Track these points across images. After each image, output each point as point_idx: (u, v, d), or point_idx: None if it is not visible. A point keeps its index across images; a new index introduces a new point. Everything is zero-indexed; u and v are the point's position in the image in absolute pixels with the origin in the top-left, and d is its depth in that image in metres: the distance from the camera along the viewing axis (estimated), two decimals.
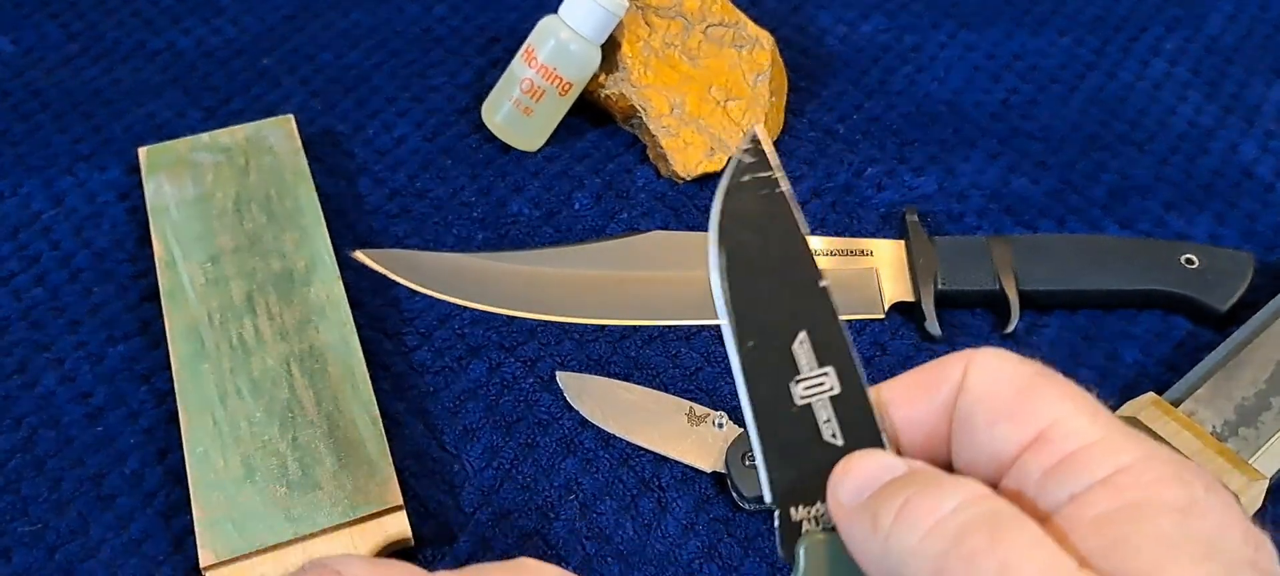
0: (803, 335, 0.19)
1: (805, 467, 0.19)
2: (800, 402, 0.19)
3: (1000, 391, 0.18)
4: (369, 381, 0.35)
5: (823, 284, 0.19)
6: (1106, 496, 0.16)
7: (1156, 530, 0.16)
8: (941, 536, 0.16)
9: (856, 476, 0.18)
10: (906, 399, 0.19)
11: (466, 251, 0.41)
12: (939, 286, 0.39)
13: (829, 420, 0.19)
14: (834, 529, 0.19)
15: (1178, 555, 0.15)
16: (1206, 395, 0.34)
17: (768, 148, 0.20)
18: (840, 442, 0.19)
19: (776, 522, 0.19)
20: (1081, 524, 0.16)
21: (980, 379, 0.18)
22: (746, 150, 0.20)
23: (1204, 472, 0.17)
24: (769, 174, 0.20)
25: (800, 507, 0.19)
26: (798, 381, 0.19)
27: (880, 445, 0.19)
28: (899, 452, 0.19)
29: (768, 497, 0.19)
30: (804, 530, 0.19)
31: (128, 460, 0.35)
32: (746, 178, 0.20)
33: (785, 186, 0.20)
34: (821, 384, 0.19)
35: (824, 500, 0.19)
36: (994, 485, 0.18)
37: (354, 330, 0.37)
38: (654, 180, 0.44)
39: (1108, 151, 0.45)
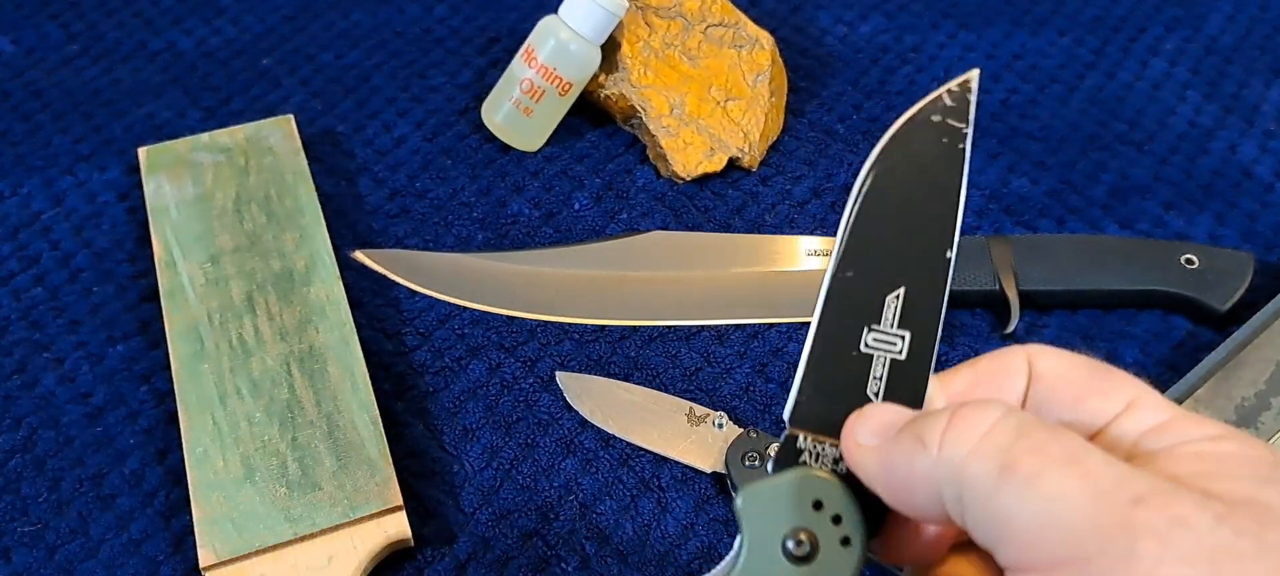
0: (901, 291, 0.19)
1: (834, 406, 0.19)
2: (863, 350, 0.19)
3: (1077, 374, 0.18)
4: (369, 381, 0.35)
5: (949, 255, 0.19)
6: (1207, 444, 0.17)
7: (1256, 470, 0.16)
8: (1003, 432, 0.17)
9: (877, 417, 0.18)
10: (973, 393, 0.19)
11: (466, 252, 0.41)
12: None
13: (880, 378, 0.19)
14: (833, 470, 0.18)
15: (1276, 485, 0.16)
16: (1206, 395, 0.34)
17: (973, 99, 0.19)
18: (877, 402, 0.19)
19: (780, 440, 0.19)
20: (1189, 457, 0.17)
21: (1053, 365, 0.19)
22: (953, 90, 0.19)
23: (1274, 452, 0.18)
24: (960, 126, 0.19)
25: (808, 437, 0.19)
26: (871, 330, 0.19)
27: None
28: None
29: (785, 414, 0.19)
30: (800, 459, 0.19)
31: (127, 460, 0.35)
32: (937, 117, 0.19)
33: (967, 146, 0.19)
34: (892, 344, 0.19)
35: (834, 443, 0.19)
36: None
37: (354, 330, 0.37)
38: (654, 180, 0.44)
39: (1107, 151, 0.45)
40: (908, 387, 0.19)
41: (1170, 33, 0.50)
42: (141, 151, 0.43)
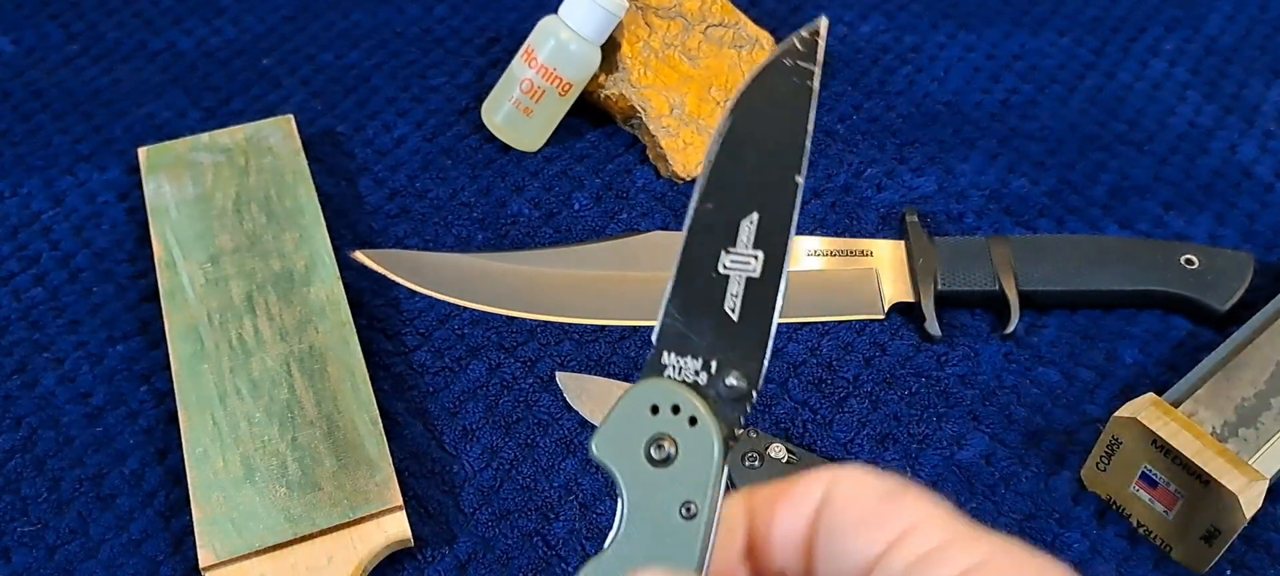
0: (755, 216, 0.21)
1: (695, 326, 0.20)
2: (721, 271, 0.21)
3: (864, 500, 0.19)
4: (369, 382, 0.35)
5: (797, 179, 0.21)
6: None
7: None
8: None
9: None
10: (771, 507, 0.20)
11: (466, 252, 0.41)
12: (939, 287, 0.39)
13: (736, 295, 0.20)
14: (693, 384, 0.20)
15: None
16: (1206, 396, 0.34)
17: (821, 44, 0.21)
18: (735, 318, 0.20)
19: (648, 358, 0.20)
20: None
21: (844, 490, 0.20)
22: (802, 37, 0.21)
23: (1052, 565, 0.18)
24: (809, 66, 0.20)
25: (672, 354, 0.20)
26: (728, 252, 0.21)
27: (763, 350, 0.20)
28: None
29: (653, 336, 0.20)
30: (664, 374, 0.20)
31: (127, 460, 0.35)
32: (788, 61, 0.21)
33: (815, 84, 0.21)
34: (747, 263, 0.21)
35: (695, 357, 0.20)
36: None
37: (354, 330, 0.37)
38: (654, 180, 0.44)
39: (1107, 152, 0.45)
40: (760, 300, 0.20)
41: (1170, 33, 0.50)
42: (141, 151, 0.43)
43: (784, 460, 0.34)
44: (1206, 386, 0.34)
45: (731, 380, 0.20)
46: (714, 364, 0.20)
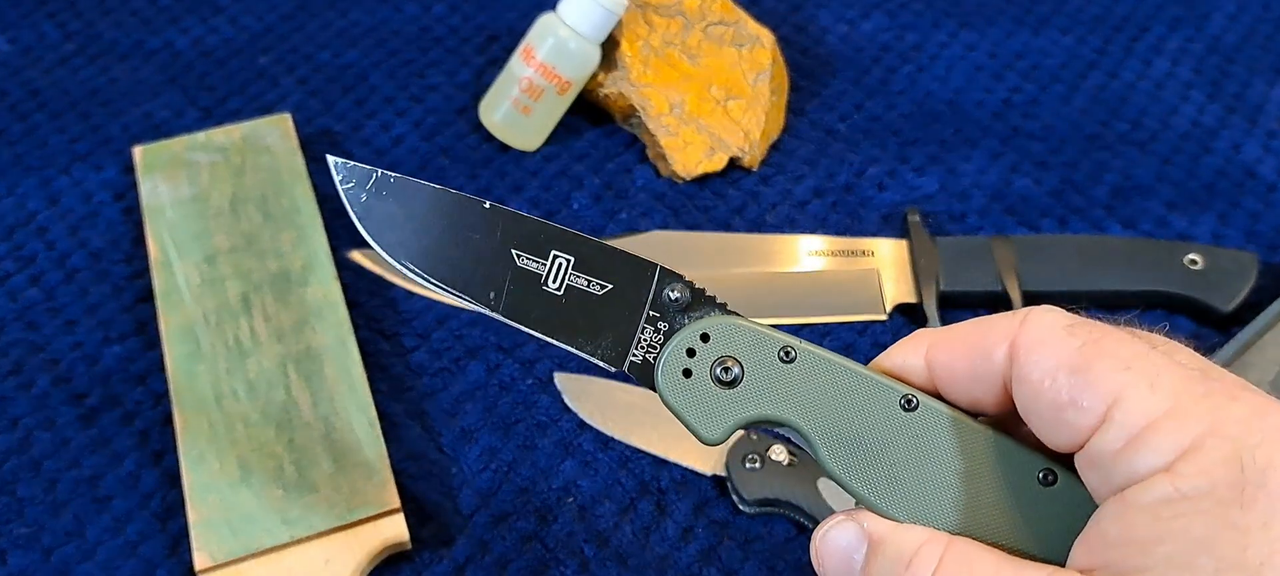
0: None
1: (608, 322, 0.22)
2: (550, 287, 0.22)
3: (1054, 374, 0.18)
4: (366, 383, 0.35)
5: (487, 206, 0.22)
6: (1164, 483, 0.16)
7: (1198, 533, 0.16)
8: None
9: (832, 560, 0.19)
10: (953, 357, 0.19)
11: None
12: (941, 287, 0.38)
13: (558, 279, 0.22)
14: (668, 333, 0.21)
15: (1207, 562, 0.16)
16: None
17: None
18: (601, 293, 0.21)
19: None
20: (1138, 514, 0.16)
21: (1034, 365, 0.18)
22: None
23: (1271, 428, 0.16)
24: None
25: (640, 350, 0.21)
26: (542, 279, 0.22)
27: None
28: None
29: (626, 366, 0.21)
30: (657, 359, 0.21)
31: (123, 462, 0.35)
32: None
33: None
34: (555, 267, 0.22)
35: (649, 327, 0.21)
36: (1068, 451, 0.18)
37: (351, 331, 0.37)
38: (653, 179, 0.44)
39: (1110, 151, 0.45)
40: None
41: (1173, 32, 0.50)
42: (137, 151, 0.42)
43: (785, 463, 0.34)
44: None
45: (673, 294, 0.21)
46: (652, 317, 0.21)
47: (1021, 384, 0.18)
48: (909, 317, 0.39)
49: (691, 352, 0.20)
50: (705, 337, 0.20)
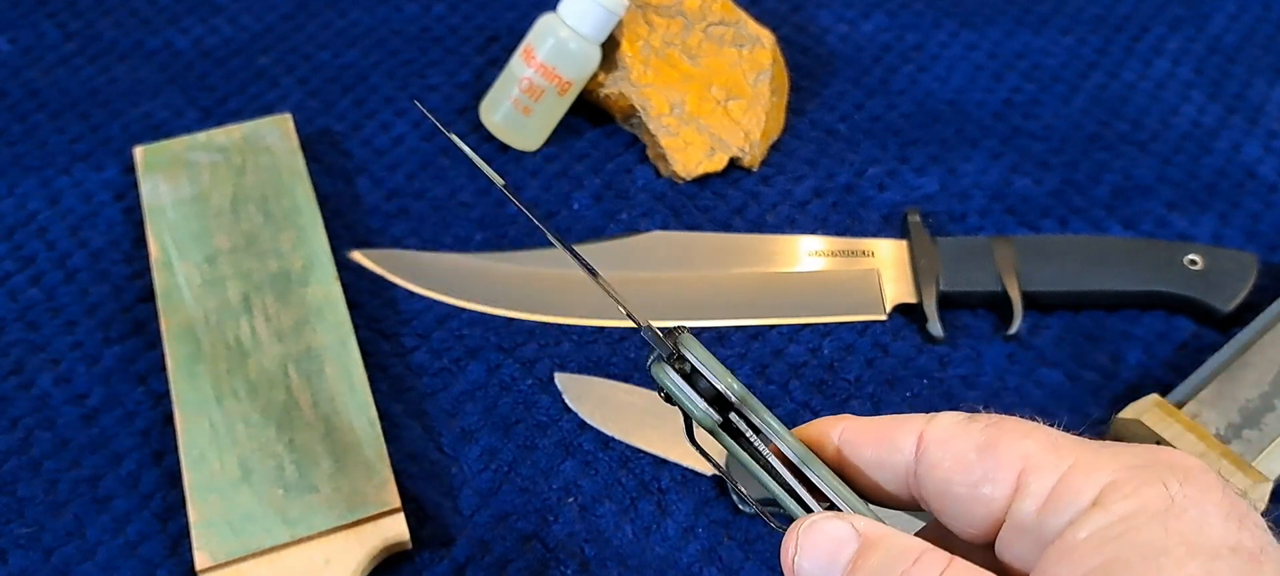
0: None
1: None
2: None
3: (964, 457, 0.19)
4: (366, 383, 0.35)
5: None
6: (1097, 515, 0.17)
7: (1143, 542, 0.16)
8: None
9: (814, 553, 0.19)
10: (862, 442, 0.20)
11: (465, 252, 0.41)
12: (941, 287, 0.38)
13: None
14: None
15: (1163, 564, 0.16)
16: (1210, 397, 0.34)
17: None
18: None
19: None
20: (1080, 547, 0.17)
21: (940, 455, 0.19)
22: None
23: (1178, 461, 0.17)
24: None
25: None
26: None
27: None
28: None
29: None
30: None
31: (124, 462, 0.35)
32: None
33: None
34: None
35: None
36: (994, 535, 0.19)
37: (351, 331, 0.37)
38: (653, 180, 0.44)
39: (1110, 151, 0.45)
40: None
41: (1174, 32, 0.50)
42: (137, 151, 0.42)
43: None
44: (1210, 388, 0.34)
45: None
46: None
47: (933, 471, 0.19)
48: (909, 317, 0.39)
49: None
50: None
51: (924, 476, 0.19)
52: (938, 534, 0.20)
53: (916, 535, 0.19)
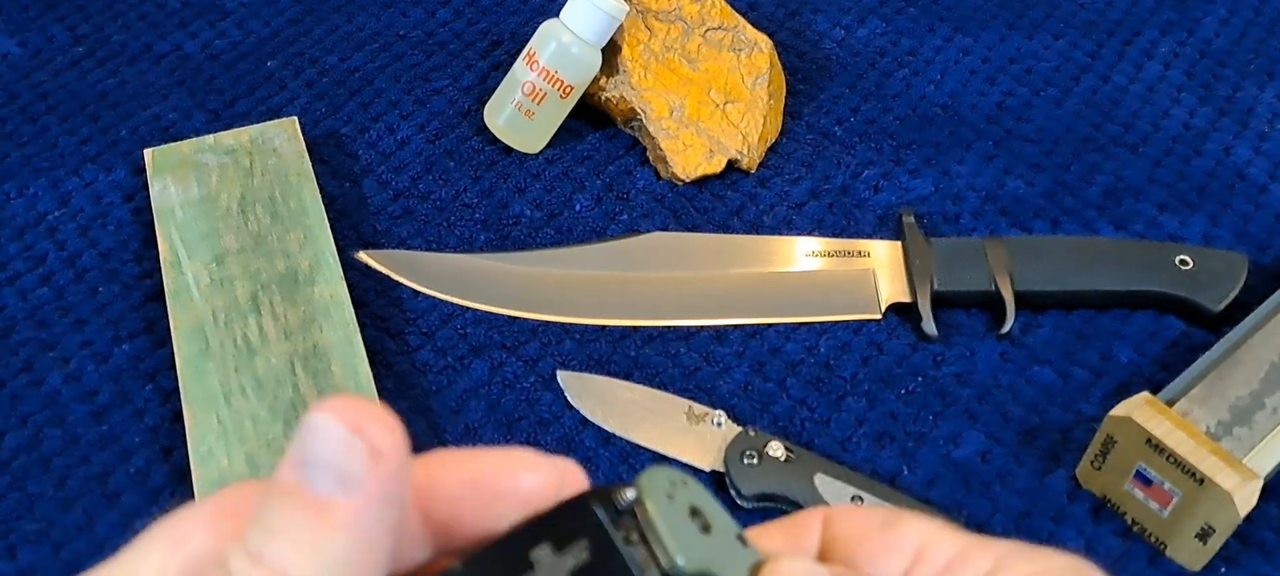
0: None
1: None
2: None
3: (869, 530, 0.20)
4: (372, 380, 0.36)
5: None
6: None
7: None
8: None
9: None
10: (770, 543, 0.20)
11: (469, 252, 0.42)
12: (935, 287, 0.39)
13: None
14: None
15: None
16: (1201, 395, 0.35)
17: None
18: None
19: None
20: None
21: (846, 527, 0.20)
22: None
23: (1068, 563, 0.19)
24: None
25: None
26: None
27: None
28: None
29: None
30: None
31: (133, 458, 0.36)
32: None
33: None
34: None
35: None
36: None
37: (357, 330, 0.37)
38: (654, 182, 0.44)
39: (1102, 153, 0.46)
40: None
41: (1165, 36, 0.51)
42: (147, 153, 0.43)
43: (782, 459, 0.34)
44: (1201, 385, 0.35)
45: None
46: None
47: (838, 543, 0.20)
48: (903, 317, 0.40)
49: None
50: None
51: (829, 553, 0.20)
52: None
53: None
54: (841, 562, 0.20)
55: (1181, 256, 0.39)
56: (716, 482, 0.35)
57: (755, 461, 0.34)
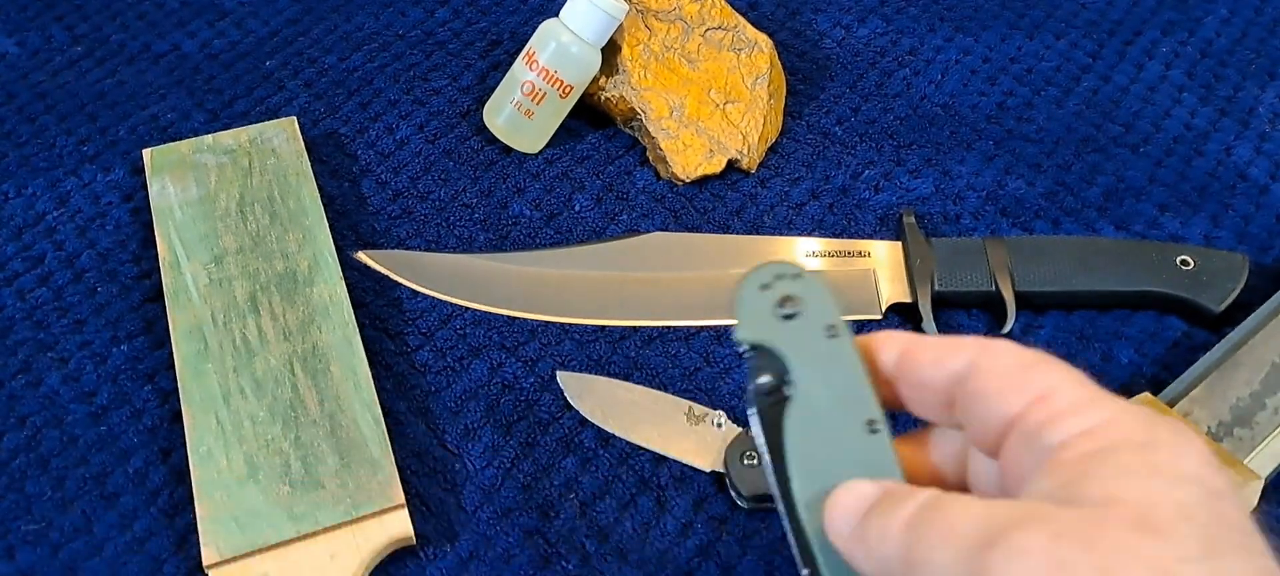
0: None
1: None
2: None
3: (1008, 367, 0.21)
4: (371, 381, 0.36)
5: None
6: (1086, 440, 0.19)
7: (1119, 462, 0.19)
8: (895, 520, 0.20)
9: (841, 508, 0.21)
10: (917, 359, 0.22)
11: (468, 253, 0.41)
12: (936, 287, 0.39)
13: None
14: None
15: (1132, 478, 0.18)
16: (1202, 396, 0.35)
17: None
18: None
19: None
20: (1064, 463, 0.19)
21: (990, 361, 0.21)
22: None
23: (1172, 421, 0.20)
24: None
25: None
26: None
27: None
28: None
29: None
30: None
31: (131, 459, 0.35)
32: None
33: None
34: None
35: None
36: (998, 443, 0.21)
37: (356, 330, 0.37)
38: (654, 182, 0.44)
39: (1103, 154, 0.46)
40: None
41: (1166, 36, 0.51)
42: (146, 153, 0.43)
43: None
44: (1202, 386, 0.35)
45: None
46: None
47: (977, 373, 0.21)
48: (904, 317, 0.40)
49: (776, 277, 0.23)
50: (797, 275, 0.23)
51: (975, 377, 0.21)
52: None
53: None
54: (972, 390, 0.21)
55: (1182, 257, 0.39)
56: (717, 483, 0.35)
57: (755, 462, 0.34)
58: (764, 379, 0.23)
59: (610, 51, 0.45)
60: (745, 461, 0.34)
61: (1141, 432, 0.19)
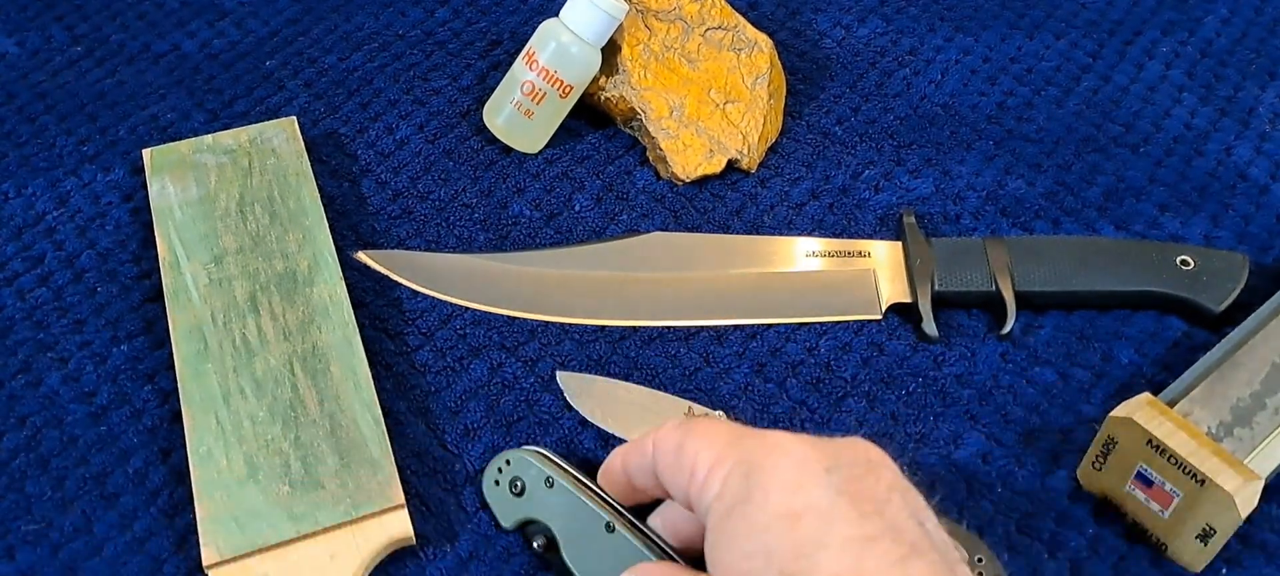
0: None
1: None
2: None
3: (668, 452, 0.26)
4: (371, 381, 0.36)
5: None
6: (718, 503, 0.24)
7: (730, 528, 0.24)
8: None
9: None
10: (629, 457, 0.29)
11: (468, 253, 0.42)
12: (936, 287, 0.39)
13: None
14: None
15: (736, 541, 0.24)
16: (1202, 396, 0.35)
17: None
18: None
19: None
20: (714, 528, 0.24)
21: (659, 449, 0.27)
22: None
23: (764, 443, 0.24)
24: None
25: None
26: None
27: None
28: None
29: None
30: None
31: (131, 459, 0.35)
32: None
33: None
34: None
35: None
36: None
37: (356, 330, 0.37)
38: (654, 182, 0.44)
39: (1103, 153, 0.46)
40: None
41: (1166, 35, 0.51)
42: (146, 153, 0.43)
43: None
44: (1202, 386, 0.35)
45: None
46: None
47: (659, 469, 0.27)
48: (904, 317, 0.40)
49: (499, 470, 0.33)
50: (507, 462, 0.33)
51: (658, 472, 0.27)
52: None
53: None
54: (666, 484, 0.26)
55: (1183, 257, 0.39)
56: None
57: None
58: (538, 542, 0.31)
59: (610, 51, 0.45)
60: None
61: (739, 488, 0.24)
